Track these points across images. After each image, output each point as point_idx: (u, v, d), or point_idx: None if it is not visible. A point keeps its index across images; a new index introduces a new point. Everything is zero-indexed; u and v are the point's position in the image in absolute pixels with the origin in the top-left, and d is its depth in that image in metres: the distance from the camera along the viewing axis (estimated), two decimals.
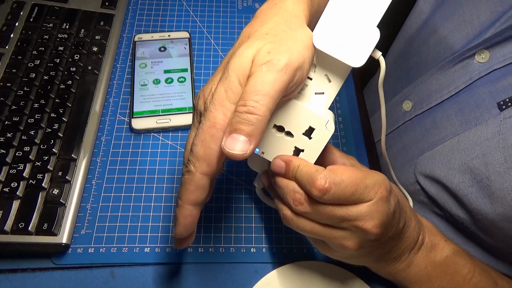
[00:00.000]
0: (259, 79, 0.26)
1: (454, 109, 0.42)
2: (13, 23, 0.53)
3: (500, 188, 0.35)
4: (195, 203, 0.29)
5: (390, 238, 0.33)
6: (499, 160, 0.35)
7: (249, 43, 0.28)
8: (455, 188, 0.39)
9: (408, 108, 0.48)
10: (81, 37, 0.53)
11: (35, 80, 0.48)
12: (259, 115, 0.25)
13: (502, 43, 0.38)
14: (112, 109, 0.50)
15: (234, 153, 0.25)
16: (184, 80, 0.52)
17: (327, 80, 0.32)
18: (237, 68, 0.27)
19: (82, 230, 0.42)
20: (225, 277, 0.41)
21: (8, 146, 0.43)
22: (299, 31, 0.29)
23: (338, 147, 0.50)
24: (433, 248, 0.36)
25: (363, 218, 0.29)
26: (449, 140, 0.41)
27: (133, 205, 0.44)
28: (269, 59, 0.26)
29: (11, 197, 0.40)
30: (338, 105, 0.54)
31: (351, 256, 0.34)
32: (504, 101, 0.36)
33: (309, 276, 0.41)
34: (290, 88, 0.27)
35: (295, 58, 0.27)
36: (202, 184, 0.28)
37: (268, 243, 0.43)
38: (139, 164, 0.46)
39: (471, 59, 0.40)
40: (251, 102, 0.25)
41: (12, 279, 0.39)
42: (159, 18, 0.59)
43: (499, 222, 0.36)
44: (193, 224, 0.30)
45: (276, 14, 0.30)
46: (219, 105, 0.27)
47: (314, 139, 0.31)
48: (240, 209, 0.45)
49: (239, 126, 0.25)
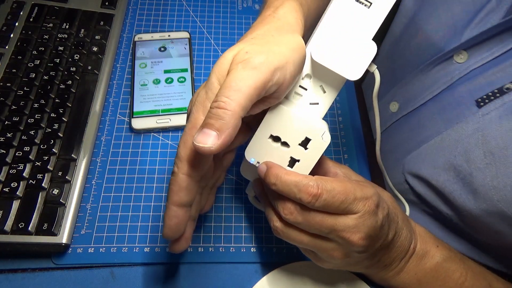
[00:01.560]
0: (232, 76, 0.26)
1: (437, 108, 0.43)
2: (13, 23, 0.53)
3: (481, 184, 0.35)
4: (179, 204, 0.29)
5: (378, 249, 0.34)
6: (480, 156, 0.36)
7: (232, 47, 0.29)
8: (441, 186, 0.40)
9: (395, 109, 0.49)
10: (81, 37, 0.53)
11: (35, 80, 0.48)
12: (229, 109, 0.25)
13: (479, 44, 0.39)
14: (112, 109, 0.50)
15: (201, 146, 0.25)
16: (184, 80, 0.52)
17: (322, 91, 0.32)
18: (217, 69, 0.28)
19: (82, 230, 0.42)
20: (225, 277, 0.41)
21: (8, 146, 0.43)
22: (287, 36, 0.30)
23: (338, 147, 0.50)
24: (424, 255, 0.37)
25: (350, 230, 0.30)
26: (434, 139, 0.42)
27: (133, 205, 0.44)
28: (246, 58, 0.27)
29: (11, 197, 0.40)
30: (338, 106, 0.54)
31: (340, 266, 0.36)
32: (482, 98, 0.37)
33: (309, 276, 0.41)
34: (270, 88, 0.27)
35: (274, 58, 0.27)
36: (185, 185, 0.29)
37: (268, 243, 0.43)
38: (139, 164, 0.46)
39: (450, 60, 0.42)
40: (222, 97, 0.26)
41: (12, 279, 0.39)
42: (159, 18, 0.59)
43: (483, 217, 0.37)
44: (180, 226, 0.30)
45: (268, 22, 0.32)
46: (200, 106, 0.28)
47: (310, 149, 0.32)
48: (240, 209, 0.45)
49: (209, 121, 0.26)
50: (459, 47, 0.40)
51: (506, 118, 0.35)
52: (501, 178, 0.34)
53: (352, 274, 0.41)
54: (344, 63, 0.29)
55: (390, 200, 0.36)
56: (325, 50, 0.29)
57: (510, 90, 0.35)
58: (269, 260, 0.42)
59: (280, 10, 0.33)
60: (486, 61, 0.39)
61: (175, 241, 0.31)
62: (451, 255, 0.38)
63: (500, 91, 0.36)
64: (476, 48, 0.39)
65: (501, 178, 0.34)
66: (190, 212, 0.31)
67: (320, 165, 0.36)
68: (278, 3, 0.34)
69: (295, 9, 0.33)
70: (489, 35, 0.38)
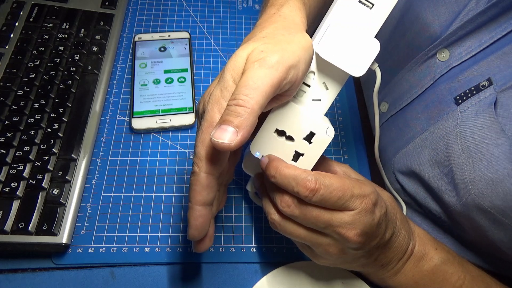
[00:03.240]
0: (250, 74, 0.27)
1: (421, 107, 0.44)
2: (13, 23, 0.53)
3: (461, 178, 0.36)
4: (203, 203, 0.29)
5: (375, 247, 0.34)
6: (458, 151, 0.37)
7: (245, 45, 0.29)
8: (428, 183, 0.41)
9: (385, 109, 0.50)
10: (81, 37, 0.53)
11: (35, 80, 0.48)
12: (247, 107, 0.26)
13: (459, 41, 0.40)
14: (112, 109, 0.50)
15: (221, 142, 0.25)
16: (184, 80, 0.52)
17: (324, 88, 0.33)
18: (232, 68, 0.28)
19: (82, 230, 0.42)
20: (225, 277, 0.41)
21: (8, 146, 0.43)
22: (297, 35, 0.30)
23: (338, 147, 0.50)
24: (422, 257, 0.37)
25: (346, 226, 0.31)
26: (419, 137, 0.43)
27: (133, 205, 0.44)
28: (262, 56, 0.27)
29: (11, 197, 0.40)
30: (338, 105, 0.54)
31: (336, 263, 0.36)
32: (460, 95, 0.38)
33: (309, 276, 0.41)
34: (284, 86, 0.28)
35: (288, 57, 0.28)
36: (207, 183, 0.29)
37: (268, 243, 0.43)
38: (139, 164, 0.46)
39: (433, 58, 0.43)
40: (240, 95, 0.26)
41: (12, 279, 0.39)
42: (159, 18, 0.59)
43: (465, 213, 0.37)
44: (205, 225, 0.30)
45: (275, 21, 0.32)
46: (216, 105, 0.28)
47: (314, 144, 0.32)
48: (240, 209, 0.45)
49: (227, 118, 0.26)
50: (440, 43, 0.41)
51: (481, 114, 0.36)
52: (477, 172, 0.35)
53: (352, 273, 0.41)
54: (348, 60, 0.30)
55: (389, 200, 0.36)
56: (331, 47, 0.30)
57: (485, 88, 0.36)
58: (269, 260, 0.42)
59: (284, 9, 0.33)
60: (465, 58, 0.40)
61: (199, 241, 0.31)
62: (450, 258, 0.38)
63: (476, 89, 0.37)
64: (456, 46, 0.40)
65: (477, 173, 0.35)
66: (212, 210, 0.31)
67: (320, 163, 0.36)
68: (282, 2, 0.34)
69: (299, 8, 0.34)
70: (466, 30, 0.39)
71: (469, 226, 0.39)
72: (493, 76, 0.36)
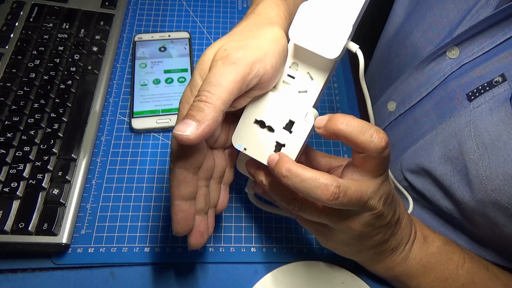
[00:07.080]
0: (212, 72, 0.28)
1: (431, 104, 0.44)
2: (13, 23, 0.53)
3: (476, 175, 0.36)
4: (182, 198, 0.30)
5: (389, 224, 0.33)
6: (472, 148, 0.37)
7: (213, 44, 0.30)
8: (439, 180, 0.41)
9: (393, 108, 0.50)
10: (81, 37, 0.53)
11: (35, 80, 0.48)
12: (209, 102, 0.27)
13: (469, 39, 0.40)
14: (112, 109, 0.50)
15: (180, 134, 0.26)
16: (184, 80, 0.52)
17: (309, 78, 0.32)
18: (199, 67, 0.29)
19: (82, 230, 0.42)
20: (225, 277, 0.41)
21: (8, 146, 0.43)
22: (265, 29, 0.31)
23: (338, 147, 0.50)
24: (425, 240, 0.38)
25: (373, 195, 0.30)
26: (429, 134, 0.43)
27: (133, 205, 0.44)
28: (225, 54, 0.28)
29: (11, 197, 0.40)
30: (338, 106, 0.54)
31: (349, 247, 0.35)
32: (472, 92, 0.38)
33: (309, 276, 0.41)
34: (251, 80, 0.28)
35: (252, 52, 0.28)
36: (183, 178, 0.30)
37: (268, 243, 0.43)
38: (139, 164, 0.46)
39: (443, 56, 0.43)
40: (203, 92, 0.27)
41: (12, 279, 0.39)
42: (159, 18, 0.59)
43: (480, 209, 0.37)
44: (187, 220, 0.31)
45: (248, 19, 0.33)
46: (186, 103, 0.29)
47: (295, 133, 0.32)
48: (240, 209, 0.45)
49: (190, 112, 0.27)
50: (451, 42, 0.41)
51: (496, 110, 0.36)
52: (494, 168, 0.35)
53: (352, 273, 0.41)
54: (320, 42, 0.30)
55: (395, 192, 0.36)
56: (303, 32, 0.30)
57: (499, 83, 0.36)
58: (269, 260, 0.42)
59: (260, 6, 0.34)
60: (476, 55, 0.40)
61: (191, 236, 0.32)
62: (448, 239, 0.39)
63: (489, 85, 0.37)
64: (467, 44, 0.40)
65: (493, 168, 0.35)
66: (195, 205, 0.31)
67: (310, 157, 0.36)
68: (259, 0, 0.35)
69: (276, 4, 0.35)
70: (478, 29, 0.39)
71: (483, 222, 0.39)
72: (507, 72, 0.36)
